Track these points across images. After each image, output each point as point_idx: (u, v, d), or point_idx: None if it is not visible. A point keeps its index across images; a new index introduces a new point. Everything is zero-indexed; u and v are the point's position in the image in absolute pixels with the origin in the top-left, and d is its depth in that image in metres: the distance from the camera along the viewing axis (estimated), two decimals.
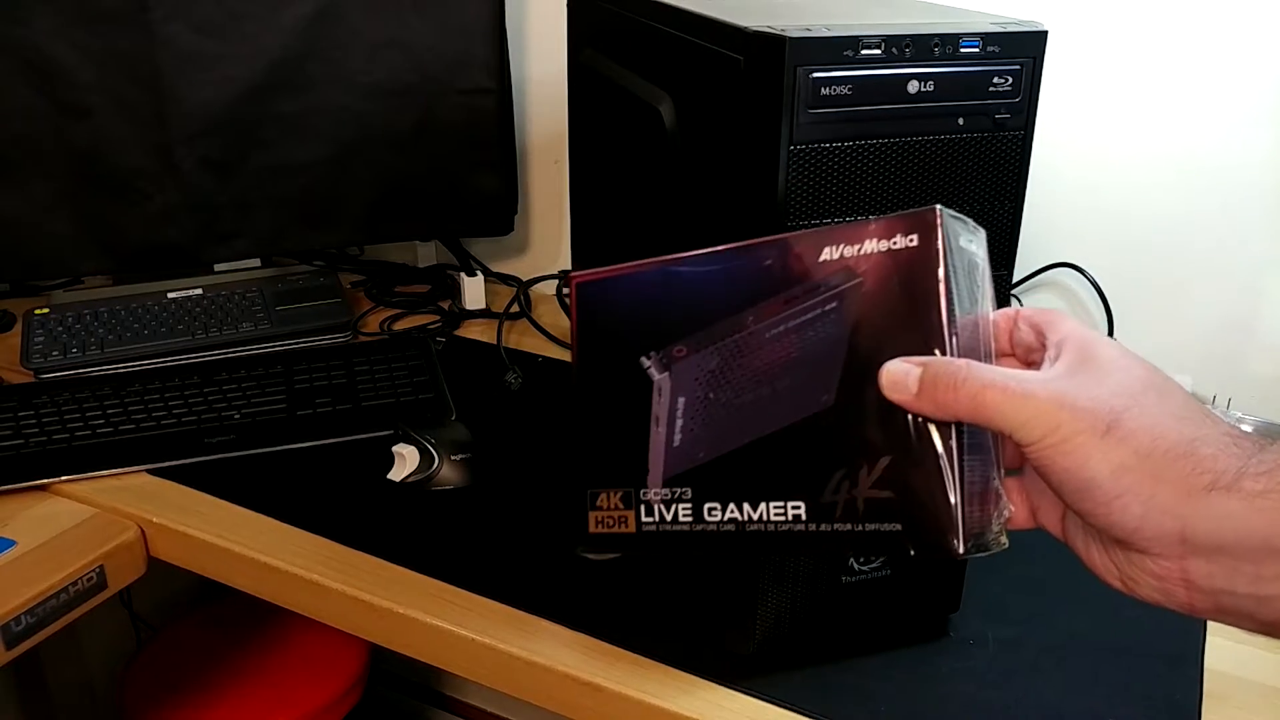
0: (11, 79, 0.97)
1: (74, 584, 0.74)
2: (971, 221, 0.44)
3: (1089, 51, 0.91)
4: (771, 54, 0.50)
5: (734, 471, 0.45)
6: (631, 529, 0.47)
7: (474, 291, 1.17)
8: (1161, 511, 0.36)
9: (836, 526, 0.42)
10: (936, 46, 0.52)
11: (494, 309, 1.17)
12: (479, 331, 1.14)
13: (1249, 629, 0.37)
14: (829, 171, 0.53)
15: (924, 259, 0.41)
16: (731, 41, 0.53)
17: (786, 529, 0.43)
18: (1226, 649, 0.68)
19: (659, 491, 0.46)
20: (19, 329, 1.07)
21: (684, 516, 0.46)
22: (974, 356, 0.41)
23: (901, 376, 0.40)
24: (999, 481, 0.43)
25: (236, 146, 1.05)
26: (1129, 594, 0.39)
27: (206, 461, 0.86)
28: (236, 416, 0.91)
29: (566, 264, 1.22)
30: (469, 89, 1.10)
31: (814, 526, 0.43)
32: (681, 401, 0.45)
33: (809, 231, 0.43)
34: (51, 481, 0.83)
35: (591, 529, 0.48)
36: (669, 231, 0.65)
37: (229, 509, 0.80)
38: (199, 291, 1.11)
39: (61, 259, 1.06)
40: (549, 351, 1.09)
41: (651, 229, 0.68)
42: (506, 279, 1.25)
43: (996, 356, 0.45)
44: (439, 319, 1.16)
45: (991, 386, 0.38)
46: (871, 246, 0.42)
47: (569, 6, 0.81)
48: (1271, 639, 0.69)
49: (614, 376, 0.47)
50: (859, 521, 0.42)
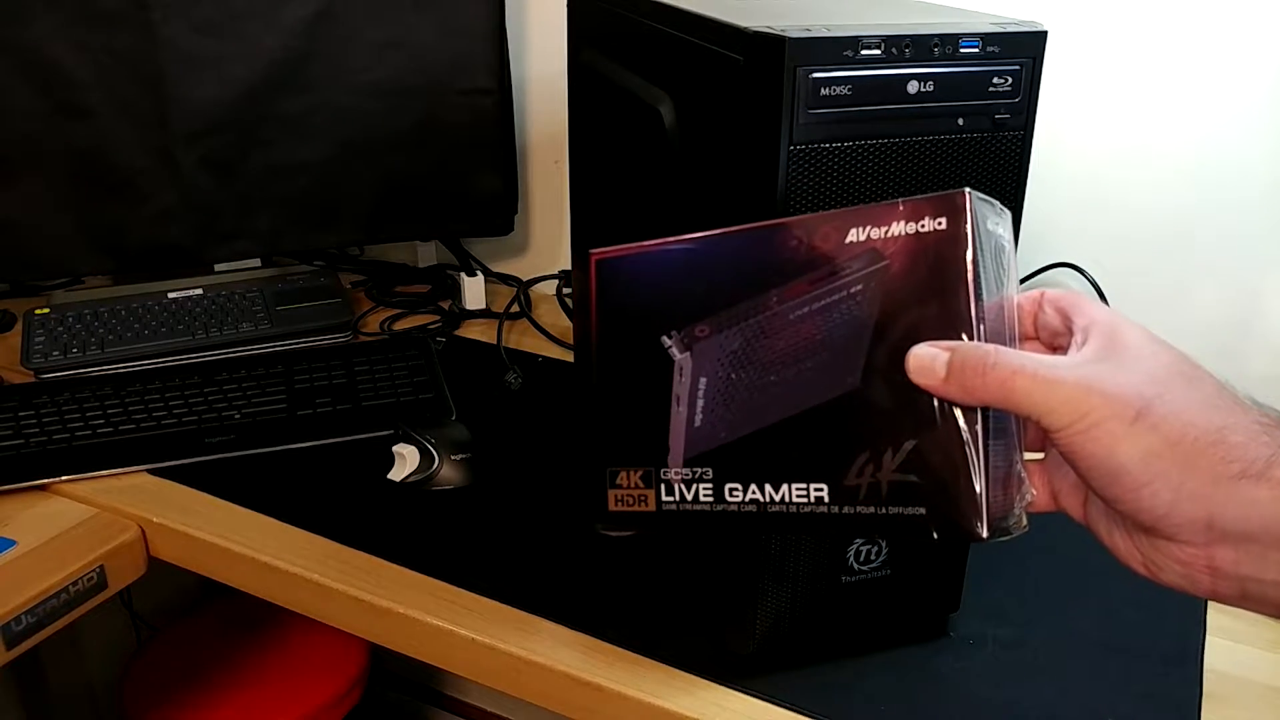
0: (12, 79, 0.97)
1: (74, 584, 0.74)
2: (998, 203, 0.44)
3: (1089, 51, 0.91)
4: (771, 54, 0.50)
5: (756, 452, 0.44)
6: (651, 508, 0.46)
7: (474, 291, 1.17)
8: (1190, 499, 0.36)
9: (859, 509, 0.42)
10: (936, 47, 0.52)
11: (494, 309, 1.17)
12: (479, 331, 1.14)
13: (1272, 615, 0.37)
14: (829, 172, 0.53)
15: (952, 242, 0.40)
16: (731, 42, 0.53)
17: (809, 511, 0.43)
18: (1226, 649, 0.68)
19: (680, 471, 0.46)
20: (19, 329, 1.07)
21: (705, 496, 0.45)
22: (999, 340, 0.41)
23: (929, 361, 0.40)
24: (1021, 465, 0.43)
25: (237, 146, 1.05)
26: (1152, 579, 0.39)
27: (207, 461, 0.86)
28: (237, 416, 0.91)
29: (566, 264, 1.22)
30: (469, 89, 1.10)
31: (836, 509, 0.43)
32: (703, 382, 0.45)
33: (836, 212, 0.43)
34: (52, 481, 0.83)
35: (611, 507, 0.47)
36: (669, 232, 0.65)
37: (229, 509, 0.80)
38: (199, 291, 1.11)
39: (61, 259, 1.06)
40: (549, 351, 1.09)
41: (651, 229, 0.68)
42: (506, 279, 1.25)
43: (1020, 340, 0.44)
44: (439, 319, 1.16)
45: (1020, 372, 0.37)
46: (899, 229, 0.41)
47: (569, 6, 0.81)
48: (1273, 638, 0.69)
49: (634, 355, 0.46)
50: (882, 504, 0.42)
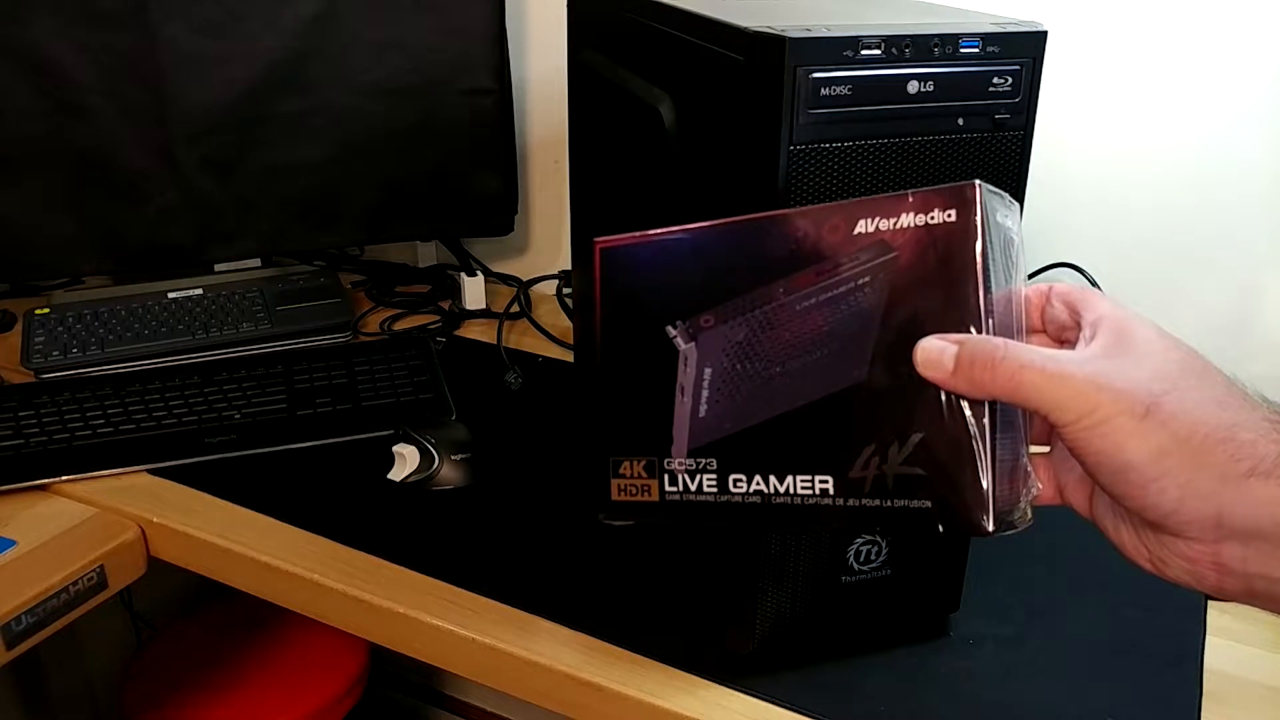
0: (12, 79, 0.97)
1: (74, 584, 0.74)
2: (1007, 196, 0.44)
3: (1089, 51, 0.91)
4: (771, 54, 0.50)
5: (761, 443, 0.44)
6: (654, 498, 0.46)
7: (474, 291, 1.17)
8: (1198, 496, 0.36)
9: (865, 502, 0.42)
10: (936, 47, 0.52)
11: (494, 309, 1.17)
12: (479, 331, 1.14)
13: (1277, 612, 0.37)
14: (829, 172, 0.53)
15: (961, 234, 0.40)
16: (731, 42, 0.53)
17: (814, 503, 0.43)
18: (1226, 649, 0.68)
19: (683, 461, 0.45)
20: (19, 329, 1.07)
21: (708, 487, 0.45)
22: (1007, 333, 0.41)
23: (937, 354, 0.39)
24: (1027, 458, 0.43)
25: (237, 146, 1.05)
26: (1157, 574, 0.39)
27: (207, 461, 0.86)
28: (237, 416, 0.91)
29: (566, 264, 1.22)
30: (469, 89, 1.10)
31: (842, 501, 0.42)
32: (708, 372, 0.45)
33: (844, 203, 0.43)
34: (52, 481, 0.83)
35: (614, 496, 0.47)
36: None
37: (229, 509, 0.80)
38: (199, 291, 1.11)
39: (62, 259, 1.06)
40: (549, 351, 1.09)
41: (651, 229, 0.68)
42: (506, 279, 1.25)
43: (1027, 333, 0.44)
44: (439, 319, 1.16)
45: (1029, 366, 0.37)
46: (908, 220, 0.41)
47: (569, 6, 0.81)
48: (1273, 638, 0.69)
49: (639, 345, 0.46)
50: (888, 497, 0.41)
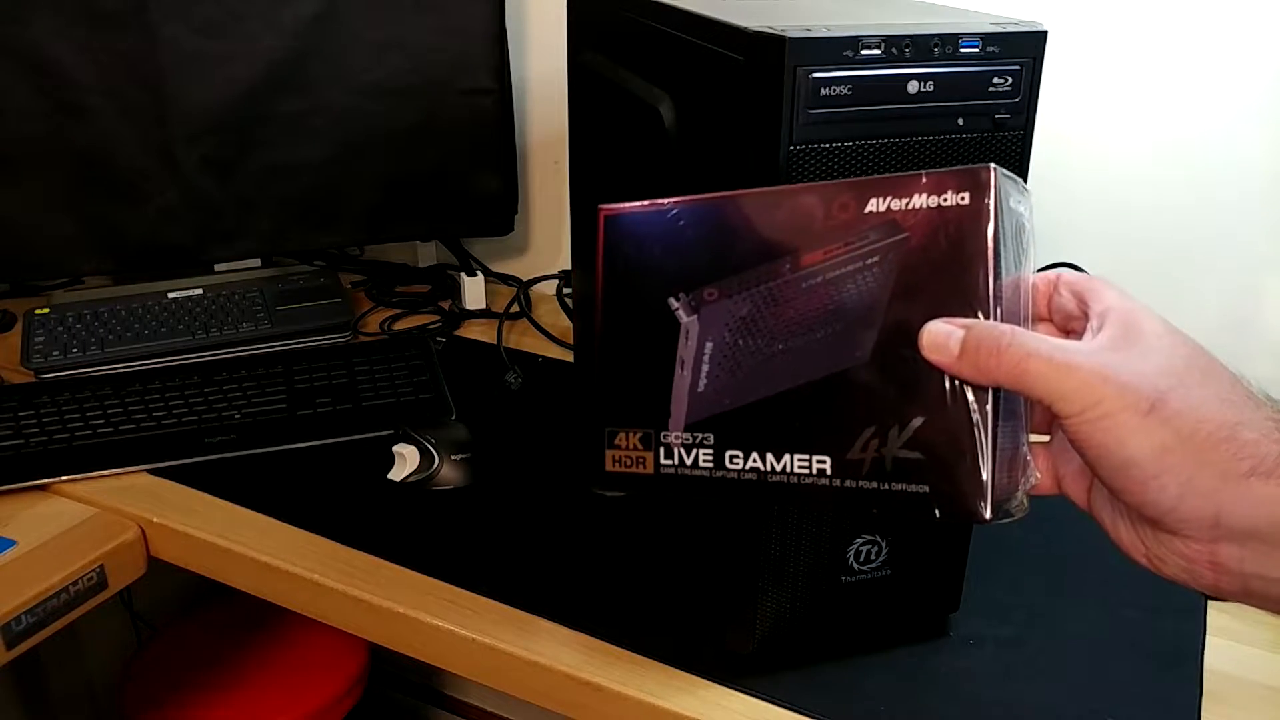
0: (12, 79, 0.97)
1: (74, 584, 0.74)
2: (1022, 182, 0.43)
3: (1088, 51, 0.91)
4: (771, 54, 0.50)
5: (759, 420, 0.43)
6: (649, 470, 0.46)
7: (474, 291, 1.17)
8: (1198, 495, 0.35)
9: (862, 484, 0.42)
10: (936, 47, 0.52)
11: (494, 309, 1.17)
12: (479, 331, 1.14)
13: (1274, 611, 0.37)
14: (829, 172, 0.53)
15: (974, 217, 0.40)
16: (731, 42, 0.53)
17: (810, 482, 0.43)
18: (1226, 649, 0.68)
19: (680, 435, 0.45)
20: (19, 329, 1.07)
21: (704, 462, 0.45)
22: (1013, 320, 0.40)
23: (943, 338, 0.39)
24: (1027, 447, 0.43)
25: (237, 146, 1.05)
26: (1153, 570, 0.39)
27: (207, 461, 0.86)
28: (237, 416, 0.91)
29: (566, 264, 1.22)
30: (469, 89, 1.10)
31: (838, 482, 0.42)
32: (709, 346, 0.44)
33: (855, 180, 0.42)
34: (52, 481, 0.83)
35: (608, 467, 0.47)
36: None
37: (229, 509, 0.80)
38: (199, 291, 1.11)
39: (62, 259, 1.06)
40: (549, 351, 1.09)
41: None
42: (506, 279, 1.25)
43: (1034, 321, 0.44)
44: (439, 319, 1.16)
45: (1035, 355, 0.37)
46: (920, 201, 0.40)
47: (569, 7, 0.81)
48: (1273, 638, 0.69)
49: (639, 315, 0.46)
50: (886, 480, 0.41)
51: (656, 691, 0.63)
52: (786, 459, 0.43)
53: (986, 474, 0.39)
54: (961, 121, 0.54)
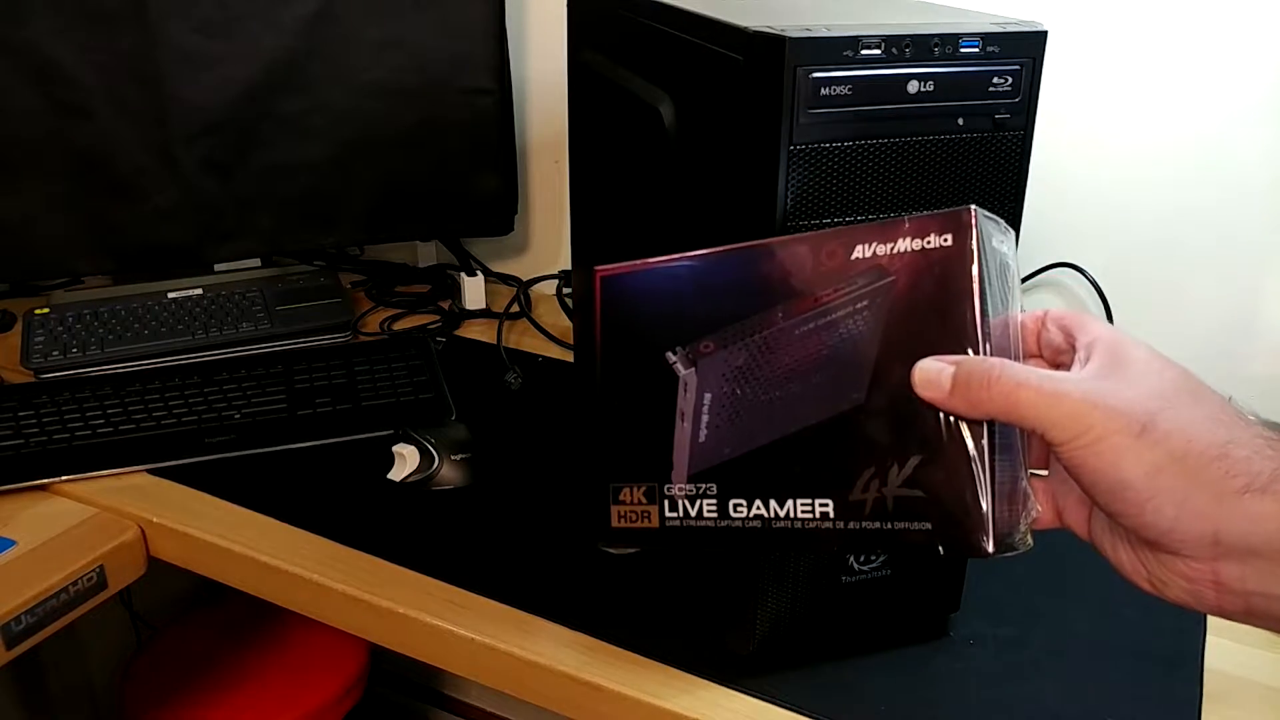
0: (11, 79, 0.97)
1: (74, 584, 0.74)
2: (1003, 222, 0.44)
3: (1089, 51, 0.91)
4: (771, 54, 0.50)
5: (761, 468, 0.44)
6: (655, 524, 0.46)
7: (474, 291, 1.17)
8: (1195, 514, 0.36)
9: (865, 524, 0.42)
10: (936, 46, 0.52)
11: (494, 309, 1.17)
12: (479, 331, 1.14)
13: (1277, 630, 0.37)
14: (829, 172, 0.52)
15: (958, 259, 0.41)
16: (731, 41, 0.53)
17: (814, 526, 0.43)
18: (1227, 649, 0.68)
19: (683, 487, 0.46)
20: (19, 329, 1.07)
21: (709, 512, 0.45)
22: (1004, 356, 0.41)
23: (935, 374, 0.40)
24: (1026, 481, 0.43)
25: (236, 146, 1.05)
26: (1157, 595, 0.39)
27: (207, 461, 0.86)
28: (237, 416, 0.91)
29: (566, 264, 1.22)
30: (469, 89, 1.10)
31: (842, 524, 0.43)
32: (708, 397, 0.45)
33: (841, 229, 0.43)
34: (52, 481, 0.83)
35: (614, 524, 0.47)
36: (669, 231, 0.65)
37: (229, 509, 0.80)
38: (199, 291, 1.11)
39: (61, 259, 1.06)
40: (549, 351, 1.09)
41: (651, 229, 0.68)
42: (506, 279, 1.25)
43: (1025, 357, 0.45)
44: (439, 319, 1.16)
45: (1024, 385, 0.38)
46: (904, 245, 0.41)
47: (569, 6, 0.81)
48: (1273, 638, 0.69)
49: (638, 371, 0.46)
50: (888, 520, 0.42)
51: (656, 692, 0.63)
52: (790, 504, 0.44)
53: (986, 507, 0.40)
54: (962, 121, 0.54)
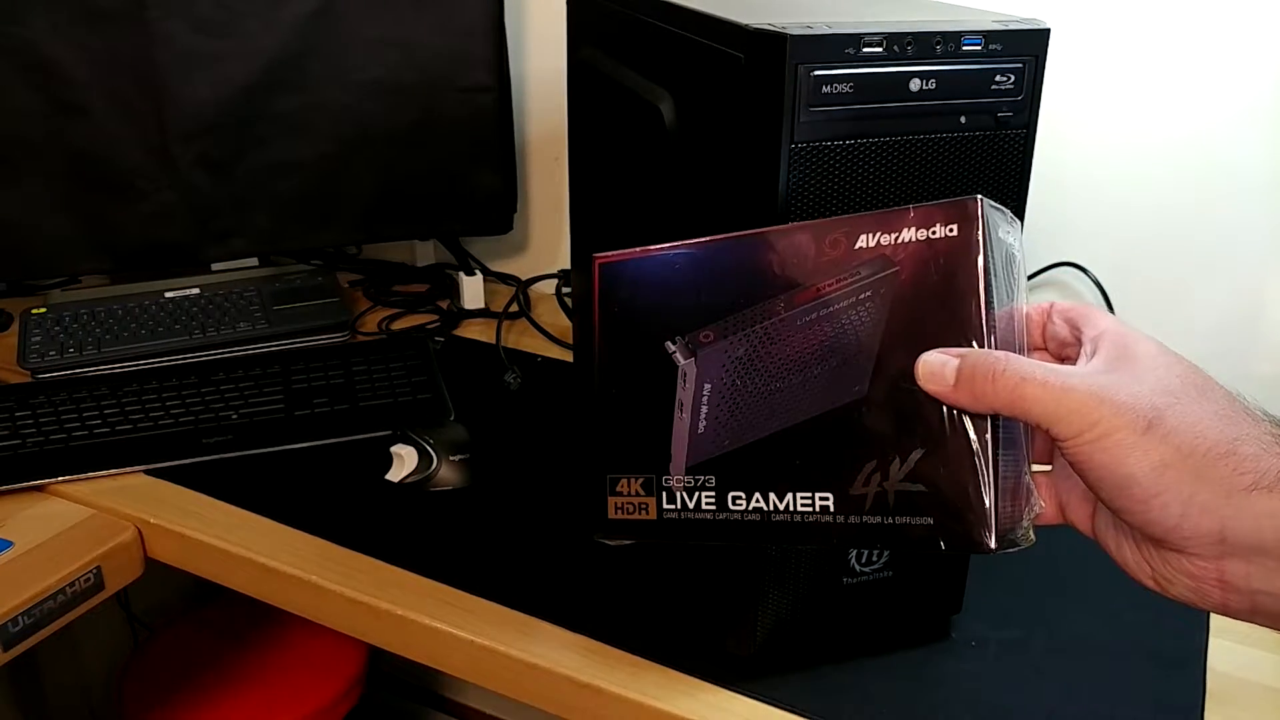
0: (9, 78, 0.97)
1: (71, 585, 0.74)
2: (1009, 212, 0.44)
3: (1091, 49, 0.90)
4: (772, 52, 0.50)
5: (760, 460, 0.44)
6: (652, 516, 0.46)
7: (473, 291, 1.17)
8: (1201, 511, 0.35)
9: (866, 519, 0.42)
10: (938, 44, 0.51)
11: (493, 308, 1.17)
12: (478, 331, 1.14)
13: None
14: (830, 170, 0.52)
15: (963, 249, 0.40)
16: (732, 39, 0.53)
17: (813, 520, 0.43)
18: (1229, 650, 0.68)
19: (681, 479, 0.45)
20: (16, 329, 1.06)
21: (707, 504, 0.45)
22: (1009, 349, 0.41)
23: (939, 367, 0.39)
24: (1030, 476, 0.43)
25: (234, 145, 1.05)
26: (1161, 593, 0.39)
27: (204, 462, 0.85)
28: (234, 417, 0.90)
29: (566, 263, 1.21)
30: (468, 87, 1.10)
31: (842, 518, 0.42)
32: (707, 388, 0.44)
33: (845, 218, 0.42)
34: (49, 482, 0.83)
35: (611, 515, 0.47)
36: (669, 230, 0.64)
37: (227, 510, 0.80)
38: (196, 291, 1.11)
39: (59, 258, 1.06)
40: (548, 351, 1.09)
41: (652, 228, 0.68)
42: (505, 278, 1.25)
43: (1029, 350, 0.44)
44: (437, 318, 1.15)
45: (1030, 379, 0.37)
46: (909, 235, 0.41)
47: (568, 4, 0.80)
48: (1277, 638, 0.68)
49: (637, 360, 0.46)
50: (889, 514, 0.41)
51: (657, 694, 0.63)
52: (789, 497, 0.43)
53: (989, 502, 0.39)
54: (964, 119, 0.54)
